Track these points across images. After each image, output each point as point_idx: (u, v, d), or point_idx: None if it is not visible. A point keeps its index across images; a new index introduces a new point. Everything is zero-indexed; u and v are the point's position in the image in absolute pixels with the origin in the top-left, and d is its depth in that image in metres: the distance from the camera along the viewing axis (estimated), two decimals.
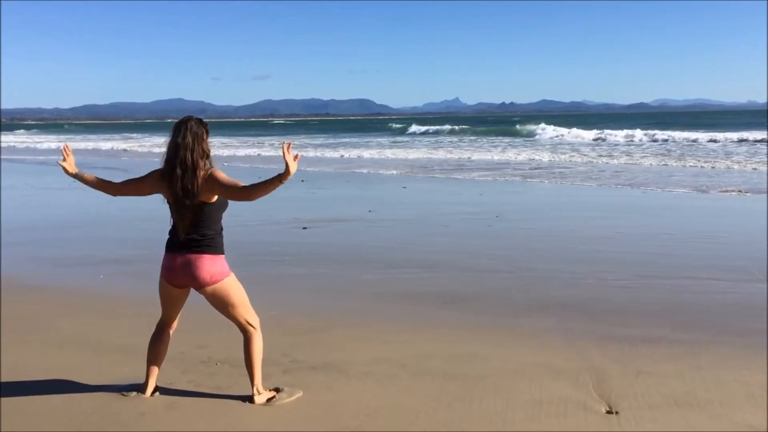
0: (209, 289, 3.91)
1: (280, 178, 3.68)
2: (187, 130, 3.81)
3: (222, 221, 4.00)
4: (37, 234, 10.76)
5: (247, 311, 4.04)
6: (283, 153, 3.67)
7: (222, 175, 3.82)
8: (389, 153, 34.77)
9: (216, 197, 3.87)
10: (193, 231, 3.86)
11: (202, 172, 3.80)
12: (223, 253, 3.95)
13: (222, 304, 3.98)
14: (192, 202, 3.80)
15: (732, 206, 13.73)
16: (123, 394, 4.17)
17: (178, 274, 3.91)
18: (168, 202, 3.93)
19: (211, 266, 3.87)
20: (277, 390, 4.19)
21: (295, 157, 3.70)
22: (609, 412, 3.98)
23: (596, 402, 4.13)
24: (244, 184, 3.79)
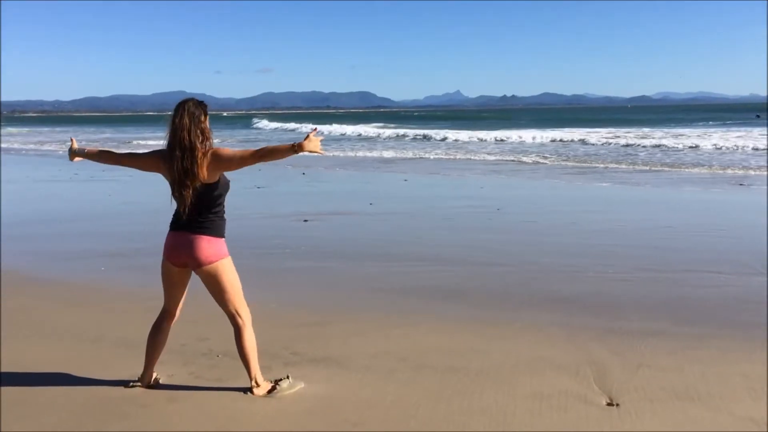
0: (205, 269, 3.93)
1: (294, 146, 3.77)
2: (185, 111, 3.85)
3: (224, 206, 4.02)
4: (37, 227, 10.77)
5: (238, 301, 4.04)
6: (315, 130, 3.87)
7: (226, 150, 3.90)
8: None
9: (218, 178, 3.90)
10: (196, 212, 3.90)
11: (200, 153, 3.82)
12: (223, 236, 3.98)
13: (215, 287, 3.99)
14: (193, 183, 3.83)
15: (732, 200, 13.72)
16: (128, 386, 4.19)
17: (178, 253, 3.95)
18: (169, 183, 3.95)
19: (209, 246, 3.90)
20: (278, 381, 4.20)
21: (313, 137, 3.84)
22: (610, 405, 3.99)
23: (597, 395, 4.13)
24: (255, 150, 3.87)
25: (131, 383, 4.22)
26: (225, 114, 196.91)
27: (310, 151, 3.78)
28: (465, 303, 6.31)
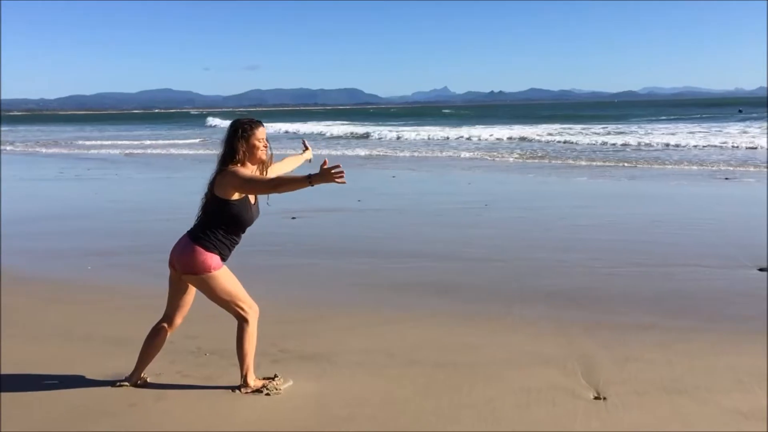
0: (189, 277, 3.92)
1: (310, 178, 3.58)
2: (227, 132, 3.92)
3: (234, 235, 4.00)
4: (24, 226, 10.67)
5: (237, 304, 4.02)
6: (325, 162, 3.59)
7: (242, 171, 3.81)
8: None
9: (234, 198, 3.85)
10: (201, 221, 3.92)
11: (218, 168, 3.86)
12: (210, 251, 3.88)
13: (207, 296, 4.00)
14: (207, 194, 3.89)
15: (721, 194, 13.81)
16: (115, 385, 4.16)
17: (173, 252, 3.95)
18: None
19: (195, 256, 3.85)
20: (267, 379, 4.18)
21: (336, 171, 3.53)
22: (597, 399, 4.00)
23: (584, 389, 4.15)
24: (269, 177, 3.84)
25: (118, 382, 4.19)
26: (193, 112, 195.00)
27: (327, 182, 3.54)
28: (454, 298, 6.32)
